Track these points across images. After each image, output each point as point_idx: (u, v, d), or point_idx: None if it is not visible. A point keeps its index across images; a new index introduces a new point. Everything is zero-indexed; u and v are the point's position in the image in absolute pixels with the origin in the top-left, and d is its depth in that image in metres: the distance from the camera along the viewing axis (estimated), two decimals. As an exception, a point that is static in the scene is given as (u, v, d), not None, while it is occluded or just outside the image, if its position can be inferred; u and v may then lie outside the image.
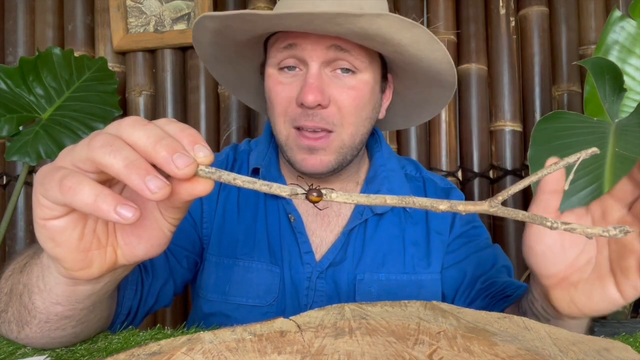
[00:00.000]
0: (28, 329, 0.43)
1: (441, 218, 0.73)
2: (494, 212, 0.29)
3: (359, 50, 0.64)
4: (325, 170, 0.65)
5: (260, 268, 0.69)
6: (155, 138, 0.30)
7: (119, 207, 0.28)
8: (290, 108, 0.64)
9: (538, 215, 0.29)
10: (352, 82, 0.64)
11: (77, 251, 0.34)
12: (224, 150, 0.79)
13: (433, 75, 0.68)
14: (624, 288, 0.39)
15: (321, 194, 0.30)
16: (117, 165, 0.29)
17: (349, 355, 0.32)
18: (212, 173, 0.31)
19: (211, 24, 0.62)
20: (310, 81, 0.61)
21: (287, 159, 0.67)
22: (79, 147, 0.31)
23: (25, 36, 1.47)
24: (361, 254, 0.69)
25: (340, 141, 0.64)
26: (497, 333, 0.37)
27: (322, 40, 0.62)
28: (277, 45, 0.65)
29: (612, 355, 0.34)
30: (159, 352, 0.32)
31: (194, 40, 0.69)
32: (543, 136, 0.93)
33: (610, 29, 1.14)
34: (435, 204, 0.30)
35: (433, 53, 0.63)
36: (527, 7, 1.36)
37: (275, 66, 0.65)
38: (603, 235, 0.26)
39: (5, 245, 1.45)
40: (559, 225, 0.27)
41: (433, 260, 0.71)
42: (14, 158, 1.15)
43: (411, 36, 0.60)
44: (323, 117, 0.62)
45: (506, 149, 1.35)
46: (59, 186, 0.29)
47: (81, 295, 0.39)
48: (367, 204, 0.30)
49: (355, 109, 0.64)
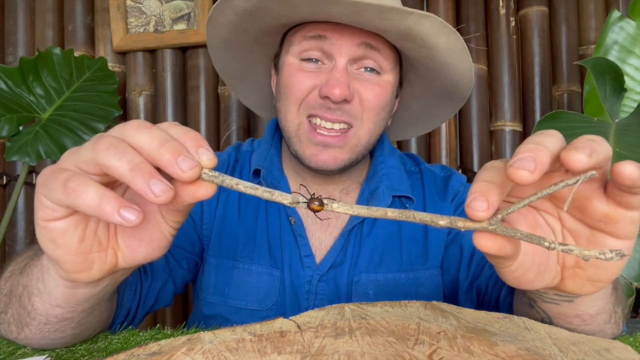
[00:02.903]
0: (27, 330, 0.43)
1: (439, 213, 0.72)
2: (492, 229, 0.29)
3: (388, 51, 0.63)
4: (336, 167, 0.64)
5: (260, 271, 0.68)
6: (160, 141, 0.30)
7: (123, 209, 0.29)
8: (310, 97, 0.63)
9: (536, 235, 0.29)
10: (376, 80, 0.64)
11: (77, 253, 0.34)
12: (226, 150, 0.78)
13: (449, 87, 0.68)
14: (617, 229, 0.33)
15: (323, 203, 0.30)
16: (122, 168, 0.29)
17: (349, 355, 0.32)
18: (215, 177, 0.31)
19: (243, 3, 0.59)
20: (337, 75, 0.60)
21: (294, 152, 0.66)
22: (83, 149, 0.31)
23: (25, 36, 1.46)
24: (358, 254, 0.69)
25: (357, 138, 0.64)
26: (497, 333, 0.37)
27: (354, 36, 0.61)
28: (302, 34, 0.63)
29: (612, 355, 0.34)
30: (159, 352, 0.32)
31: (210, 20, 0.66)
32: (543, 136, 0.93)
33: (609, 29, 1.14)
34: (435, 219, 0.30)
35: (461, 64, 0.63)
36: (527, 7, 1.36)
37: (297, 55, 0.64)
38: (599, 257, 0.27)
39: (5, 245, 1.45)
40: (556, 245, 0.28)
41: (431, 255, 0.70)
42: (14, 158, 1.15)
43: (447, 42, 0.60)
44: (345, 111, 0.62)
45: (506, 149, 1.35)
46: (63, 187, 0.29)
47: (80, 298, 0.39)
48: (367, 215, 0.30)
49: (377, 105, 0.64)
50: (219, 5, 0.62)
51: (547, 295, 0.42)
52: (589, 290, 0.36)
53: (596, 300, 0.43)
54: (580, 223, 0.35)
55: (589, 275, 0.35)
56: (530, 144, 0.29)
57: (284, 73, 0.65)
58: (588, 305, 0.43)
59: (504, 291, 0.62)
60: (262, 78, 0.78)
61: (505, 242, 0.30)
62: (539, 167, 0.27)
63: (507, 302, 0.61)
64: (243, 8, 0.60)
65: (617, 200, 0.31)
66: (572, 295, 0.40)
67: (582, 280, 0.36)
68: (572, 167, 0.27)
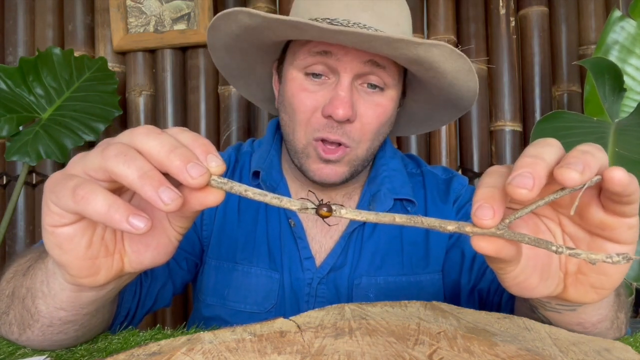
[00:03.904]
0: (30, 332, 0.43)
1: (441, 216, 0.72)
2: (500, 234, 0.29)
3: (393, 68, 0.63)
4: (338, 180, 0.65)
5: (259, 273, 0.68)
6: (170, 147, 0.30)
7: (132, 217, 0.29)
8: (314, 118, 0.62)
9: (543, 239, 0.29)
10: (379, 99, 0.63)
11: (84, 259, 0.34)
12: (226, 150, 0.78)
13: (453, 100, 0.68)
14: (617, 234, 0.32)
15: (331, 209, 0.30)
16: (132, 176, 0.29)
17: (349, 355, 0.32)
18: (224, 184, 0.30)
19: (247, 20, 0.59)
20: (342, 94, 0.60)
21: (299, 165, 0.66)
22: (91, 156, 0.31)
23: (25, 36, 1.46)
24: (359, 257, 0.69)
25: (355, 155, 0.64)
26: (497, 333, 0.37)
27: (359, 54, 0.60)
28: (308, 49, 0.62)
29: (612, 356, 0.34)
30: (158, 352, 0.32)
31: (212, 27, 0.64)
32: (543, 136, 0.93)
33: (610, 29, 1.14)
34: (443, 225, 0.30)
35: (467, 83, 0.63)
36: (527, 7, 1.36)
37: (301, 69, 0.63)
38: (606, 261, 0.27)
39: (5, 245, 1.45)
40: (564, 250, 0.28)
41: (432, 259, 0.70)
42: (14, 158, 1.15)
43: (455, 66, 0.60)
44: (346, 132, 0.62)
45: (506, 149, 1.35)
46: (72, 194, 0.29)
47: (85, 301, 0.39)
48: (376, 221, 0.30)
49: (377, 126, 0.64)
50: (222, 16, 0.60)
51: (550, 305, 0.42)
52: (592, 298, 0.36)
53: (599, 309, 0.43)
54: (580, 228, 0.35)
55: (592, 282, 0.35)
56: (528, 157, 0.29)
57: (287, 87, 0.65)
58: (591, 313, 0.42)
59: (506, 295, 0.62)
60: (264, 75, 0.77)
61: (504, 244, 0.30)
62: (537, 183, 0.27)
63: (509, 307, 0.61)
64: (247, 24, 0.60)
65: (611, 209, 0.31)
66: (575, 304, 0.40)
67: (585, 288, 0.35)
68: (565, 185, 0.27)
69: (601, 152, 0.29)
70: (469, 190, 0.75)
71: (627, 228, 0.32)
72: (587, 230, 0.34)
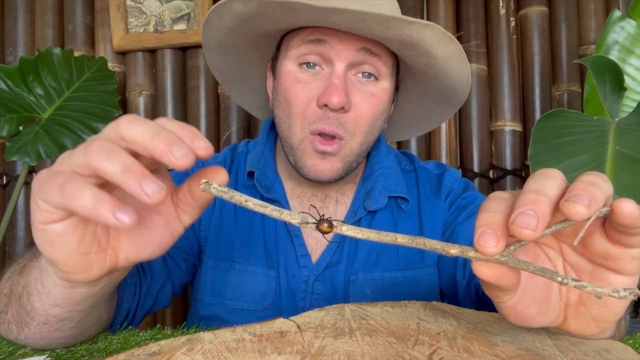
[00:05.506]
0: (27, 330, 0.43)
1: (434, 213, 0.72)
2: (505, 261, 0.28)
3: (387, 57, 0.63)
4: (333, 177, 0.64)
5: (256, 272, 0.68)
6: (154, 132, 0.30)
7: (118, 211, 0.28)
8: (309, 110, 0.62)
9: (549, 269, 0.28)
10: (373, 89, 0.63)
11: (76, 255, 0.34)
12: (222, 151, 0.78)
13: (446, 92, 0.68)
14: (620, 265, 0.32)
15: (332, 225, 0.29)
16: (114, 171, 0.29)
17: (349, 355, 0.32)
18: (224, 192, 0.30)
19: (242, 7, 0.59)
20: (336, 82, 0.59)
21: (294, 162, 0.65)
22: (76, 153, 0.31)
23: (25, 36, 1.46)
24: (355, 253, 0.69)
25: (349, 149, 0.64)
26: (497, 333, 0.37)
27: (353, 41, 0.60)
28: (301, 37, 0.62)
29: (612, 356, 0.34)
30: (158, 352, 0.32)
31: (207, 23, 0.64)
32: (543, 134, 0.93)
33: (610, 29, 1.14)
34: (446, 248, 0.29)
35: (459, 71, 0.63)
36: (527, 7, 1.36)
37: (295, 60, 0.63)
38: (612, 295, 0.26)
39: (5, 245, 1.45)
40: (569, 281, 0.27)
41: (427, 253, 0.70)
42: (14, 158, 1.15)
43: (447, 50, 0.60)
44: (341, 123, 0.61)
45: (506, 149, 1.35)
46: (59, 190, 0.30)
47: (79, 297, 0.39)
48: (377, 240, 0.29)
49: (371, 118, 0.64)
50: (216, 8, 0.61)
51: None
52: (593, 331, 0.35)
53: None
54: (582, 258, 0.34)
55: (593, 314, 0.34)
56: (530, 192, 0.28)
57: (281, 81, 0.65)
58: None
59: None
60: (258, 80, 0.78)
61: (506, 271, 0.29)
62: (541, 222, 0.27)
63: None
64: (241, 12, 0.60)
65: (615, 239, 0.30)
66: (575, 336, 0.38)
67: (586, 320, 0.34)
68: (572, 219, 0.27)
69: (607, 183, 0.29)
70: (461, 183, 0.75)
71: (631, 259, 0.31)
72: (590, 260, 0.33)
